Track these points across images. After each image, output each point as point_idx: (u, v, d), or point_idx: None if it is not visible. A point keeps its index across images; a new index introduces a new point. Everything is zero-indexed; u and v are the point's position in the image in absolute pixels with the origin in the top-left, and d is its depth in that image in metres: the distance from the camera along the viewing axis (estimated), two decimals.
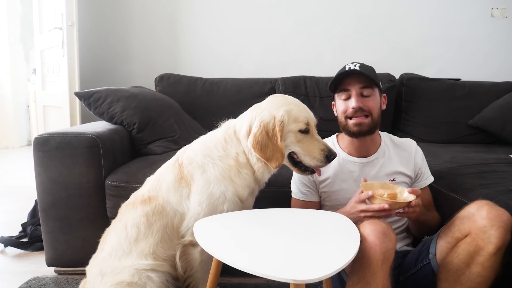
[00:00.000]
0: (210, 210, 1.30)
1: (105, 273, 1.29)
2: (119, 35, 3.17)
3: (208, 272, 1.35)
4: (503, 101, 2.49)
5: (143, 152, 2.12)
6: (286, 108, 1.30)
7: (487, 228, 1.11)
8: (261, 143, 1.26)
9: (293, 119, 1.30)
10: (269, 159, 1.27)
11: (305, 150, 1.31)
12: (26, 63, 5.63)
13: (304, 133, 1.31)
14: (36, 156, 1.77)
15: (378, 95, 1.45)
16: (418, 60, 3.01)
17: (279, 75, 2.69)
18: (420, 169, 1.51)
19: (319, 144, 1.32)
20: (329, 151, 1.31)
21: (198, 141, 1.43)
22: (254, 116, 1.32)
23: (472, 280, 1.14)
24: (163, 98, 2.41)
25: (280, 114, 1.28)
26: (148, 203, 1.34)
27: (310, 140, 1.32)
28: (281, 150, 1.27)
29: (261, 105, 1.35)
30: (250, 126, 1.31)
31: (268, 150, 1.26)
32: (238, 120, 1.39)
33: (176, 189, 1.33)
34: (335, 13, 3.05)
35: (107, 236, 1.39)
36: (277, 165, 1.28)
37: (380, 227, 1.09)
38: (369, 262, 1.06)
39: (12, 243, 2.17)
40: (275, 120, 1.27)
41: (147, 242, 1.31)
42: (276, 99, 1.35)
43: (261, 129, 1.27)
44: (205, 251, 1.04)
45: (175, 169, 1.37)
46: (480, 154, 2.06)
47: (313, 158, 1.31)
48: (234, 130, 1.37)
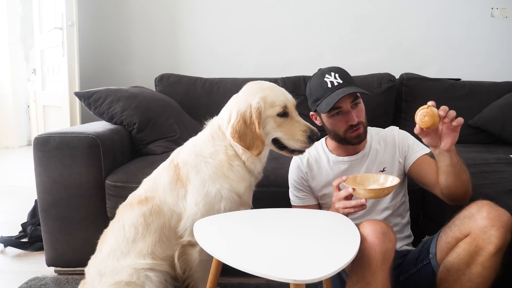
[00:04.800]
0: (207, 209, 1.30)
1: (103, 274, 1.29)
2: (119, 35, 3.17)
3: (207, 272, 1.35)
4: (503, 101, 2.49)
5: (143, 152, 2.12)
6: (261, 94, 1.30)
7: (488, 228, 1.11)
8: (239, 132, 1.26)
9: (269, 104, 1.29)
10: (249, 147, 1.28)
11: (287, 134, 1.31)
12: (26, 63, 5.64)
13: (283, 117, 1.31)
14: (36, 156, 1.77)
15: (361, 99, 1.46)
16: (418, 60, 3.00)
17: (279, 75, 2.69)
18: (407, 146, 1.49)
19: (300, 126, 1.31)
20: (311, 131, 1.30)
21: (189, 142, 1.44)
22: (232, 106, 1.33)
23: (472, 280, 1.14)
24: (163, 98, 2.41)
25: (255, 101, 1.28)
26: (145, 204, 1.33)
27: (291, 122, 1.31)
28: (260, 137, 1.27)
29: (238, 95, 1.37)
30: (229, 117, 1.32)
31: (247, 139, 1.27)
32: (220, 114, 1.40)
33: (172, 190, 1.33)
34: (335, 13, 3.05)
35: (105, 237, 1.39)
36: (258, 153, 1.28)
37: (380, 227, 1.09)
38: (369, 262, 1.06)
39: (12, 243, 2.17)
40: (251, 108, 1.27)
41: (145, 242, 1.31)
42: (251, 87, 1.36)
43: (238, 119, 1.27)
44: (204, 250, 1.03)
45: (170, 170, 1.37)
46: (480, 154, 2.06)
47: (297, 141, 1.30)
48: (218, 125, 1.38)
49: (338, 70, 1.43)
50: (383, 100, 2.48)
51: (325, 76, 1.42)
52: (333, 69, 1.44)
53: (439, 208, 1.69)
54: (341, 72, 1.43)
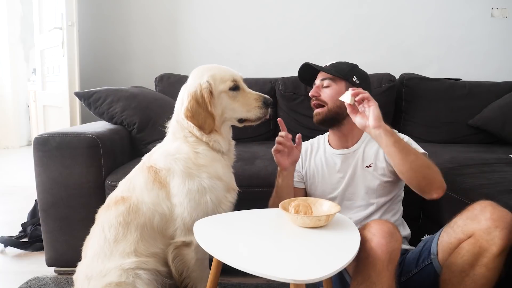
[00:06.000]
0: (193, 206, 1.29)
1: (91, 277, 1.27)
2: (119, 35, 3.17)
3: (204, 270, 1.35)
4: (503, 101, 2.49)
5: (143, 152, 2.09)
6: (209, 73, 1.36)
7: (491, 229, 1.11)
8: (192, 111, 1.30)
9: (219, 80, 1.35)
10: (202, 126, 1.31)
11: (243, 105, 1.37)
12: (26, 63, 5.64)
13: (235, 90, 1.37)
14: (36, 156, 1.77)
15: (340, 87, 1.50)
16: (418, 60, 3.00)
17: (279, 75, 2.69)
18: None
19: (252, 95, 1.39)
20: (264, 97, 1.39)
21: (156, 148, 1.45)
22: (183, 93, 1.38)
23: (476, 282, 1.14)
24: (163, 98, 2.41)
25: (204, 80, 1.34)
26: (121, 203, 1.32)
27: (243, 94, 1.39)
28: (212, 115, 1.31)
29: (186, 83, 1.41)
30: (182, 103, 1.36)
31: (200, 117, 1.30)
32: (175, 109, 1.43)
33: (150, 190, 1.32)
34: (335, 13, 3.05)
35: (88, 243, 1.38)
36: (209, 130, 1.32)
37: (386, 227, 1.09)
38: (375, 262, 1.06)
39: (12, 243, 2.17)
40: (201, 88, 1.32)
41: (126, 241, 1.29)
42: (197, 70, 1.42)
43: (189, 99, 1.32)
44: (200, 249, 1.04)
45: (144, 172, 1.36)
46: (480, 154, 2.06)
47: (254, 108, 1.37)
48: (176, 120, 1.41)
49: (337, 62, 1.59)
50: (383, 100, 2.46)
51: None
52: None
53: (439, 208, 1.69)
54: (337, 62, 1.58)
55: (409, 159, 1.26)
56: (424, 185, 1.29)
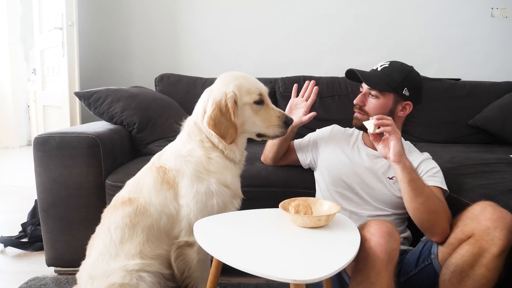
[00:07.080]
0: (200, 208, 1.29)
1: (95, 277, 1.27)
2: (119, 35, 3.17)
3: (206, 270, 1.35)
4: (503, 101, 2.49)
5: (143, 152, 2.11)
6: (236, 82, 1.32)
7: (491, 230, 1.11)
8: (215, 120, 1.28)
9: (245, 91, 1.32)
10: (223, 136, 1.29)
11: (263, 121, 1.34)
12: (26, 63, 5.63)
13: (259, 104, 1.34)
14: (36, 156, 1.77)
15: (388, 100, 1.46)
16: (418, 60, 2.99)
17: (279, 75, 2.69)
18: (419, 167, 1.47)
19: (275, 112, 1.36)
20: (286, 116, 1.35)
21: (168, 146, 1.44)
22: (206, 98, 1.34)
23: (476, 282, 1.14)
24: (163, 98, 2.41)
25: (230, 90, 1.30)
26: (128, 205, 1.32)
27: (266, 109, 1.35)
28: (234, 126, 1.29)
29: (212, 87, 1.38)
30: (204, 108, 1.33)
31: (222, 127, 1.28)
32: (194, 110, 1.41)
33: (158, 191, 1.32)
34: (335, 13, 3.05)
35: (93, 243, 1.38)
36: (231, 141, 1.30)
37: (386, 227, 1.09)
38: (374, 262, 1.06)
39: (12, 243, 2.17)
40: (226, 97, 1.29)
41: (132, 243, 1.29)
42: (224, 77, 1.37)
43: (214, 107, 1.28)
44: (202, 249, 1.03)
45: (153, 172, 1.36)
46: (480, 154, 2.06)
47: (274, 126, 1.34)
48: (193, 121, 1.38)
49: (390, 62, 1.55)
50: None
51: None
52: (387, 62, 1.57)
53: None
54: (390, 64, 1.53)
55: (418, 200, 1.27)
56: (426, 227, 1.30)
